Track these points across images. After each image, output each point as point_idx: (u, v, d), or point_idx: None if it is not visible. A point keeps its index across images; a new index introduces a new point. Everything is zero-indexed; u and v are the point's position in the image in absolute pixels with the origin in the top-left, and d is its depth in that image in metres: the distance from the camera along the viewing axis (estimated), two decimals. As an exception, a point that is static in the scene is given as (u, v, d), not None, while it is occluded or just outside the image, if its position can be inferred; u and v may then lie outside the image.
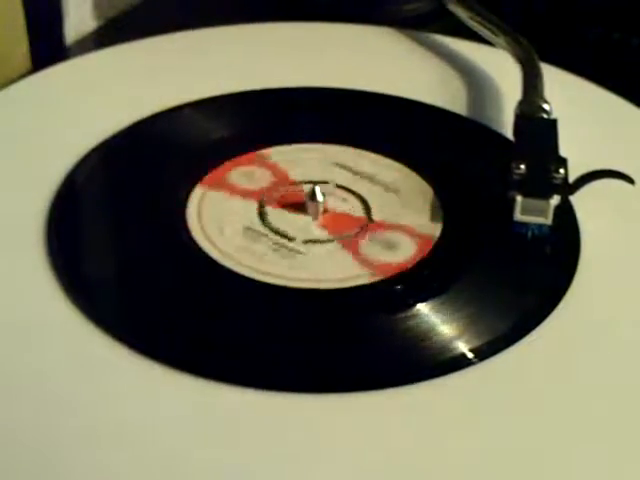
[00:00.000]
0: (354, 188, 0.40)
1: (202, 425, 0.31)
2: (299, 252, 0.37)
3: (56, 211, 0.38)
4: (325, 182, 0.40)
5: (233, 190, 0.40)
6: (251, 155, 0.41)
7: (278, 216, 0.39)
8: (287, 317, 0.35)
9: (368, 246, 0.37)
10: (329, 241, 0.37)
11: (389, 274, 0.36)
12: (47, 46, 0.52)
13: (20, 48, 0.50)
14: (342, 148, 0.42)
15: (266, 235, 0.38)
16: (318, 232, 0.38)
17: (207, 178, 0.40)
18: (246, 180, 0.40)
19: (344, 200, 0.39)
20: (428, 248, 0.37)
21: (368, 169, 0.41)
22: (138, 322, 0.35)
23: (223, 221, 0.38)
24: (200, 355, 0.33)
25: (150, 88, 0.45)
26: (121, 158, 0.42)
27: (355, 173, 0.41)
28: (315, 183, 0.39)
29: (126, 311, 0.35)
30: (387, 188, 0.40)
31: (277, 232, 0.38)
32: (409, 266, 0.36)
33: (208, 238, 0.37)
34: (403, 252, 0.37)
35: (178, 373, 0.32)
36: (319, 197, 0.38)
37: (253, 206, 0.39)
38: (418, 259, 0.36)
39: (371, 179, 0.41)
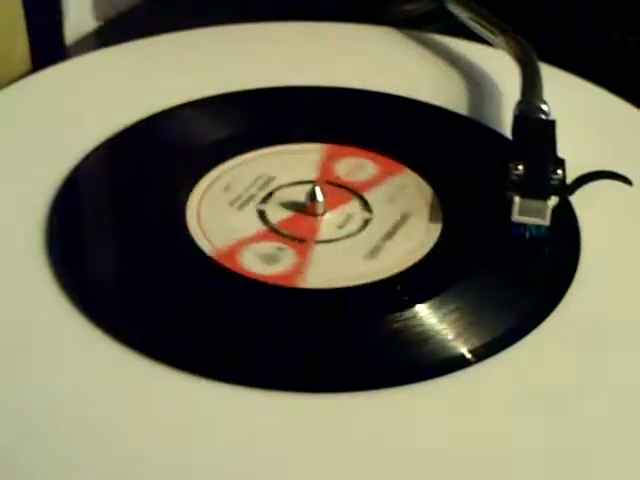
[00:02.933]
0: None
1: (202, 425, 0.31)
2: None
3: (56, 211, 0.38)
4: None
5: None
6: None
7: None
8: (287, 317, 0.35)
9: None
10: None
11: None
12: (47, 46, 0.52)
13: (20, 48, 0.50)
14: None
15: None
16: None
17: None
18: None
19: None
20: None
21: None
22: (138, 322, 0.35)
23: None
24: (200, 355, 0.33)
25: (150, 88, 0.45)
26: (121, 158, 0.42)
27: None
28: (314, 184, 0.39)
29: (126, 311, 0.35)
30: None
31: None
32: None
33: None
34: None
35: (178, 373, 0.32)
36: (319, 197, 0.38)
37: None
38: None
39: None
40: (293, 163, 0.41)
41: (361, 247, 0.37)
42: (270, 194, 0.40)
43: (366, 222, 0.38)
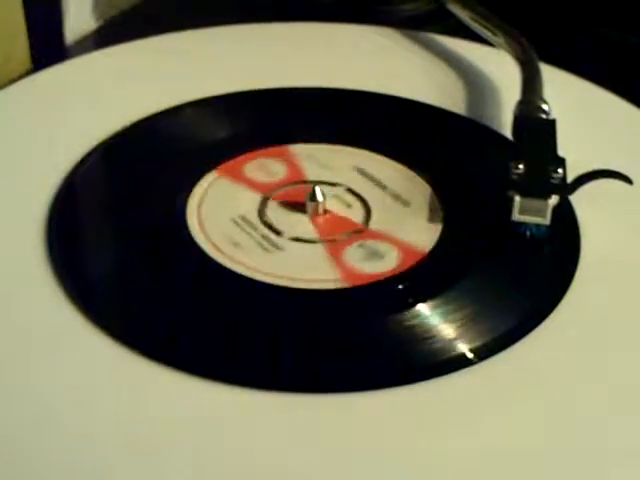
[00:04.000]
0: (358, 191, 0.40)
1: (202, 425, 0.31)
2: (280, 248, 0.37)
3: (56, 211, 0.38)
4: (336, 184, 0.40)
5: (244, 180, 0.40)
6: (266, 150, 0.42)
7: (277, 211, 0.39)
8: (287, 317, 0.35)
9: (352, 252, 0.37)
10: (314, 242, 0.37)
11: (358, 283, 0.36)
12: (47, 46, 0.52)
13: (20, 48, 0.50)
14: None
15: (256, 227, 0.38)
16: (308, 232, 0.38)
17: (222, 167, 0.41)
18: (262, 173, 0.40)
19: (347, 204, 0.39)
20: (413, 262, 0.36)
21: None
22: (138, 322, 0.35)
23: (221, 207, 0.38)
24: (200, 355, 0.33)
25: (150, 88, 0.45)
26: (121, 158, 0.42)
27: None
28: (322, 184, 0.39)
29: (126, 311, 0.35)
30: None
31: (268, 225, 0.38)
32: (382, 278, 0.36)
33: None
34: (386, 263, 0.36)
35: (178, 373, 0.32)
36: (319, 197, 0.38)
37: (257, 198, 0.39)
38: (397, 272, 0.36)
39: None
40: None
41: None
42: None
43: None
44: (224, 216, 0.38)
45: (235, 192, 0.40)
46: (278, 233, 0.38)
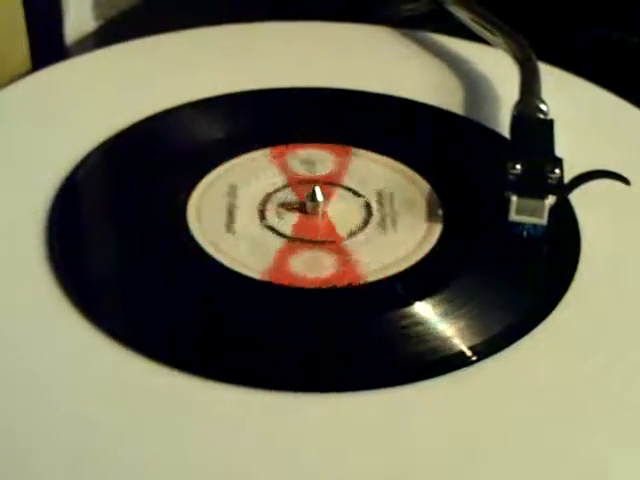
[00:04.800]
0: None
1: (202, 425, 0.31)
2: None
3: (56, 212, 0.38)
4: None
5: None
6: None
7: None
8: (287, 316, 0.35)
9: (298, 257, 0.37)
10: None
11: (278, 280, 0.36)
12: (47, 46, 0.52)
13: (20, 48, 0.50)
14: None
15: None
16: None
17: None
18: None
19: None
20: (347, 281, 0.36)
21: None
22: (138, 323, 0.35)
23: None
24: (200, 355, 0.33)
25: (150, 88, 0.45)
26: (121, 158, 0.42)
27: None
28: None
29: (126, 311, 0.35)
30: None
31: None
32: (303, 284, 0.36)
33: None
34: (317, 273, 0.36)
35: (178, 373, 0.32)
36: (319, 197, 0.38)
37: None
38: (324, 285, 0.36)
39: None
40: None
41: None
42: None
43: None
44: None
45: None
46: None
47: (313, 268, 0.36)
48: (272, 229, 0.38)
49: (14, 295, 0.35)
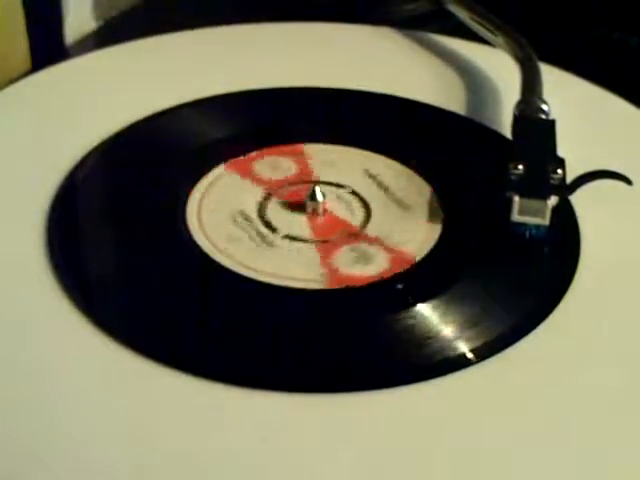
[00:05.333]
0: (359, 191, 0.40)
1: (202, 425, 0.31)
2: (273, 245, 0.37)
3: (56, 211, 0.38)
4: (339, 185, 0.40)
5: (251, 177, 0.40)
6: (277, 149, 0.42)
7: (276, 209, 0.39)
8: (287, 316, 0.35)
9: (342, 255, 0.37)
10: (307, 241, 0.37)
11: (342, 285, 0.36)
12: (47, 46, 0.52)
13: (20, 48, 0.50)
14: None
15: (253, 222, 0.38)
16: (303, 231, 0.38)
17: (231, 162, 0.41)
18: (270, 170, 0.41)
19: (348, 206, 0.39)
20: (402, 267, 0.36)
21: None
22: (138, 323, 0.35)
23: (221, 205, 0.39)
24: (201, 355, 0.33)
25: (150, 88, 0.45)
26: (121, 158, 0.42)
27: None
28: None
29: (126, 311, 0.35)
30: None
31: (265, 222, 0.38)
32: (362, 283, 0.36)
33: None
34: (374, 268, 0.36)
35: (178, 373, 0.32)
36: (319, 197, 0.38)
37: (259, 194, 0.39)
38: (384, 277, 0.36)
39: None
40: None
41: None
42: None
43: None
44: (225, 211, 0.38)
45: (237, 190, 0.40)
46: (274, 231, 0.38)
47: (362, 262, 0.36)
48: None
49: (14, 295, 0.35)
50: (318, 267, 0.36)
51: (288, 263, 0.36)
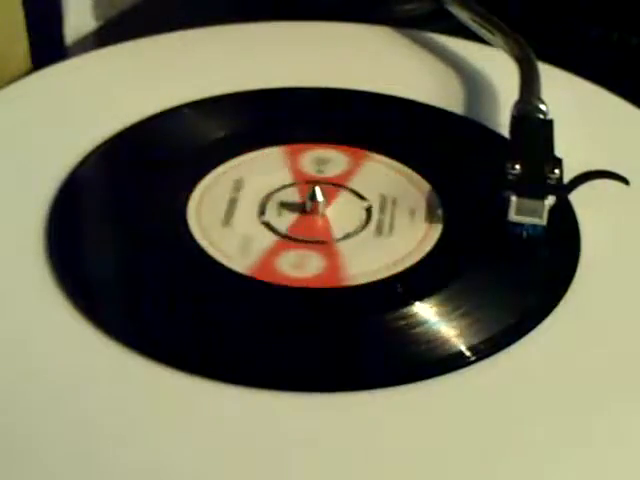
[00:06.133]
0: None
1: (202, 425, 0.31)
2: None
3: (56, 211, 0.38)
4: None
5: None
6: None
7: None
8: (287, 316, 0.35)
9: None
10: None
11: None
12: (47, 46, 0.52)
13: (20, 48, 0.50)
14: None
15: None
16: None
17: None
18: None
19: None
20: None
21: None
22: (138, 323, 0.35)
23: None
24: (200, 355, 0.33)
25: (150, 88, 0.45)
26: (121, 158, 0.42)
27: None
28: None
29: (126, 312, 0.35)
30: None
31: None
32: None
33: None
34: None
35: (178, 373, 0.32)
36: (319, 197, 0.38)
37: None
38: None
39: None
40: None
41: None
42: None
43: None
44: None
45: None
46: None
47: (299, 267, 0.36)
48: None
49: (14, 295, 0.35)
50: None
51: (234, 244, 0.36)
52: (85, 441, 0.30)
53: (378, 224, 0.38)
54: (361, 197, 0.40)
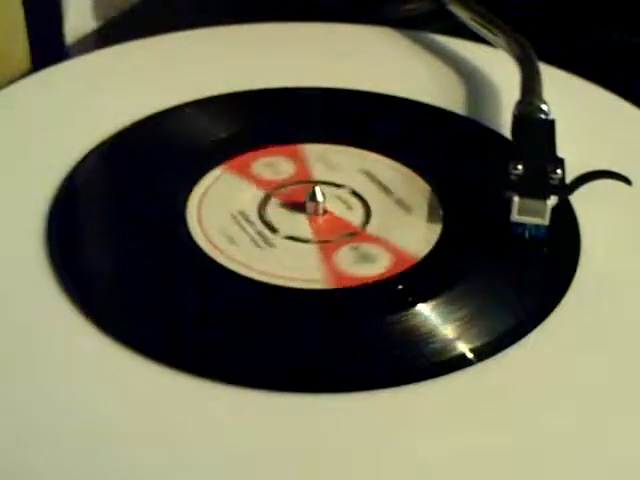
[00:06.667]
0: (359, 191, 0.40)
1: (202, 425, 0.31)
2: (273, 245, 0.37)
3: (56, 211, 0.38)
4: (339, 185, 0.40)
5: (250, 177, 0.40)
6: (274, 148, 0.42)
7: (277, 209, 0.39)
8: (287, 317, 0.35)
9: (343, 255, 0.37)
10: (308, 241, 0.37)
11: (343, 285, 0.36)
12: (47, 46, 0.52)
13: (20, 48, 0.50)
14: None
15: (253, 222, 0.38)
16: (304, 231, 0.38)
17: (231, 162, 0.41)
18: (270, 170, 0.41)
19: (348, 205, 0.39)
20: (403, 267, 0.36)
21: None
22: (138, 323, 0.35)
23: (222, 203, 0.39)
24: (200, 355, 0.33)
25: (150, 88, 0.45)
26: (121, 158, 0.42)
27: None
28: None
29: (126, 311, 0.35)
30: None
31: (265, 222, 0.38)
32: (368, 282, 0.36)
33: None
34: (375, 267, 0.36)
35: (178, 373, 0.32)
36: (319, 197, 0.38)
37: (259, 195, 0.39)
38: (385, 276, 0.36)
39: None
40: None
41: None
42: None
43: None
44: (224, 211, 0.38)
45: (237, 190, 0.40)
46: (274, 231, 0.38)
47: (363, 262, 0.36)
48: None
49: (14, 295, 0.35)
50: (319, 267, 0.36)
51: (289, 263, 0.36)
52: (84, 440, 0.30)
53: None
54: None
